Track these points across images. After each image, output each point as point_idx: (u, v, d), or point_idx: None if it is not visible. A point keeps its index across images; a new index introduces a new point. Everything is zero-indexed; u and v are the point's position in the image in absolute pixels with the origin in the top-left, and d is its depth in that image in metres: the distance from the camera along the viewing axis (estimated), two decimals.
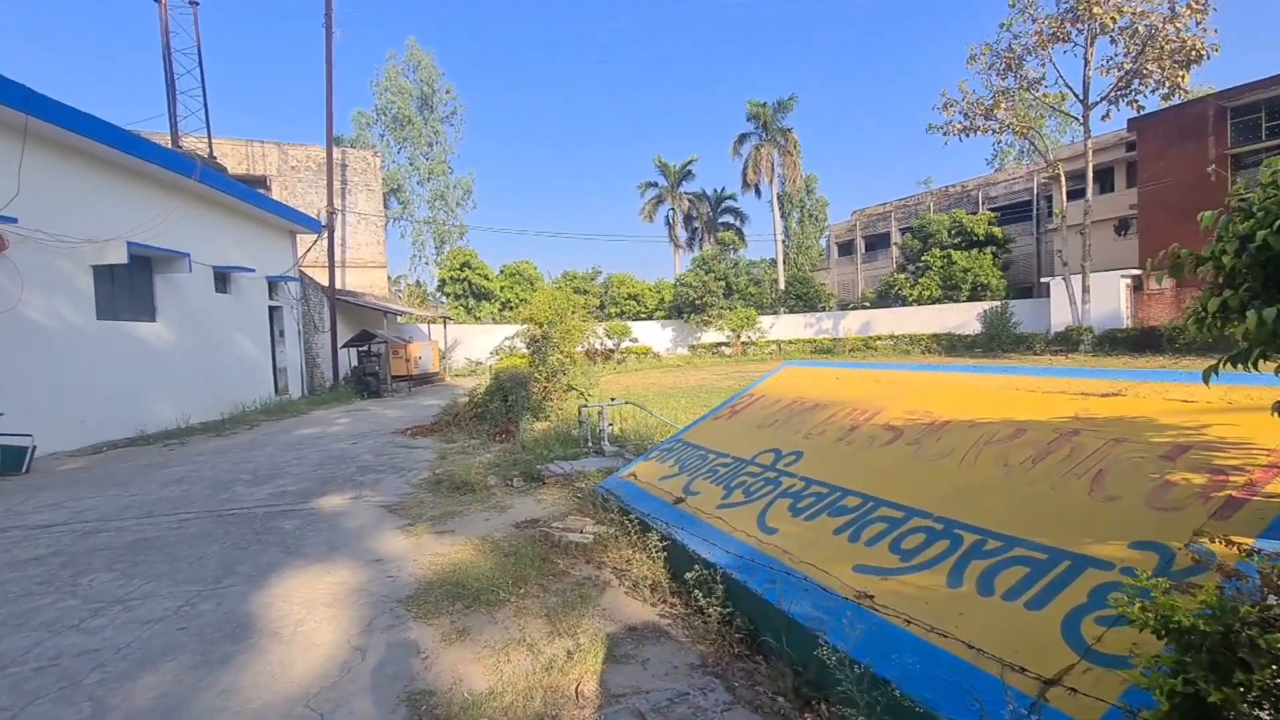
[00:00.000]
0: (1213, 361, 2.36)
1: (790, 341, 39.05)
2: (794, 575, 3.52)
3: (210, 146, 22.97)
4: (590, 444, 9.11)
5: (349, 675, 3.46)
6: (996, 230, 36.37)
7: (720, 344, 40.04)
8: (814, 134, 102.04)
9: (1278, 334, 1.92)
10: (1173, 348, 23.79)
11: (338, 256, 25.23)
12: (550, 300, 14.68)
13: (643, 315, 43.36)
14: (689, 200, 52.39)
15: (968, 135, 27.92)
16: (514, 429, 11.11)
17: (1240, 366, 2.22)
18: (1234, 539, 2.37)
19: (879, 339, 35.53)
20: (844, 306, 43.68)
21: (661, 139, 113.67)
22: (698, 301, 39.94)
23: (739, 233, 51.79)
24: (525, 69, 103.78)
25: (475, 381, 14.84)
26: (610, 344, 36.76)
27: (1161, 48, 22.71)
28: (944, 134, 28.25)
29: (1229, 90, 26.95)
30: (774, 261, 49.93)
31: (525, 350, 14.92)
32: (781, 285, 45.37)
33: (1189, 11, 22.27)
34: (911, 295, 36.93)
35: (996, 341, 29.59)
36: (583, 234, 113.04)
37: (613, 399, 10.45)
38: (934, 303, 35.71)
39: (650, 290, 44.54)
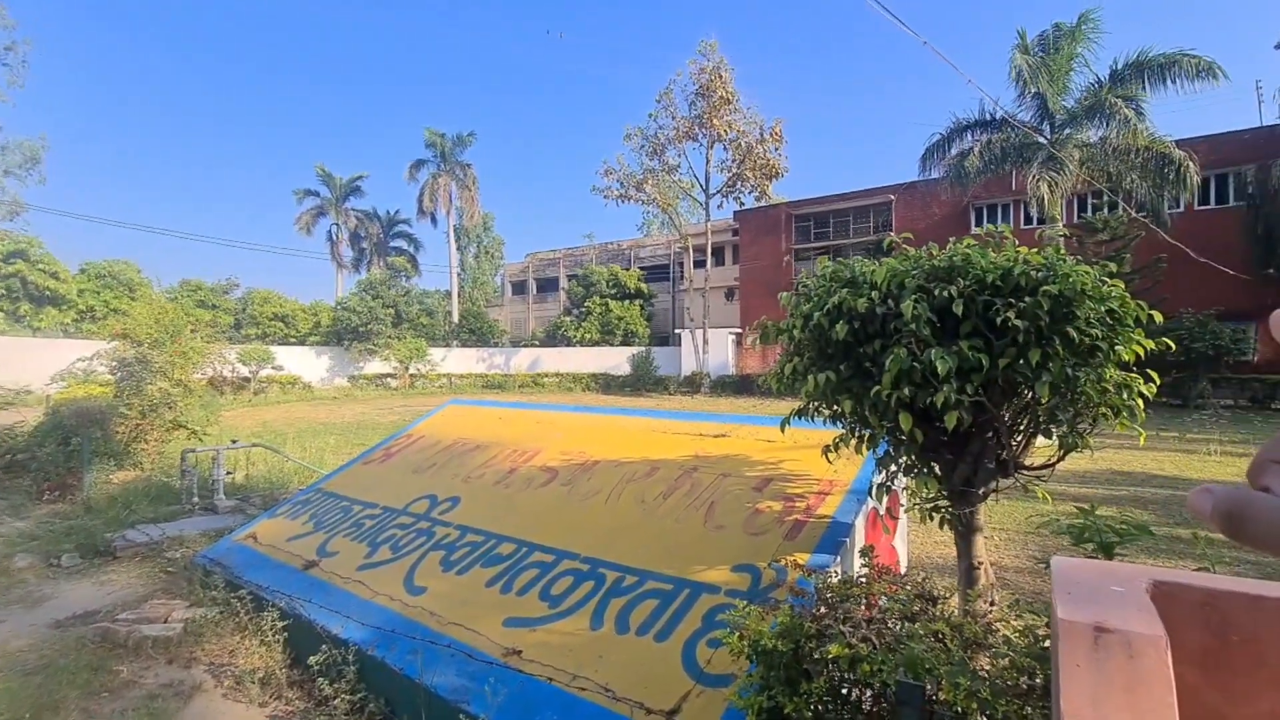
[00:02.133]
0: (786, 403, 2.95)
1: (462, 375, 38.42)
2: (440, 641, 3.21)
3: None
4: (197, 499, 7.26)
5: None
6: (644, 286, 42.24)
7: (386, 375, 37.13)
8: (492, 176, 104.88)
9: (827, 394, 2.46)
10: (762, 391, 30.63)
11: None
12: (159, 313, 11.56)
13: (293, 340, 37.64)
14: (356, 218, 48.06)
15: (623, 202, 32.11)
16: (76, 483, 8.23)
17: (805, 416, 2.80)
18: (797, 557, 2.94)
19: (547, 376, 37.50)
20: (516, 343, 45.04)
21: (323, 149, 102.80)
22: (362, 328, 36.47)
23: (412, 259, 49.41)
24: (148, 23, 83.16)
25: (19, 415, 10.65)
26: (246, 372, 30.84)
27: (755, 161, 29.73)
28: (604, 196, 32.00)
29: (793, 202, 36.64)
30: (448, 293, 48.90)
31: (110, 376, 11.38)
32: (455, 318, 44.60)
33: (772, 139, 29.73)
34: (576, 336, 40.10)
35: (642, 381, 34.01)
36: (213, 238, 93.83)
37: (234, 440, 8.59)
38: (594, 344, 39.40)
39: (304, 312, 39.03)
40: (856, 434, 2.72)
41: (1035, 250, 2.37)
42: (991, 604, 2.65)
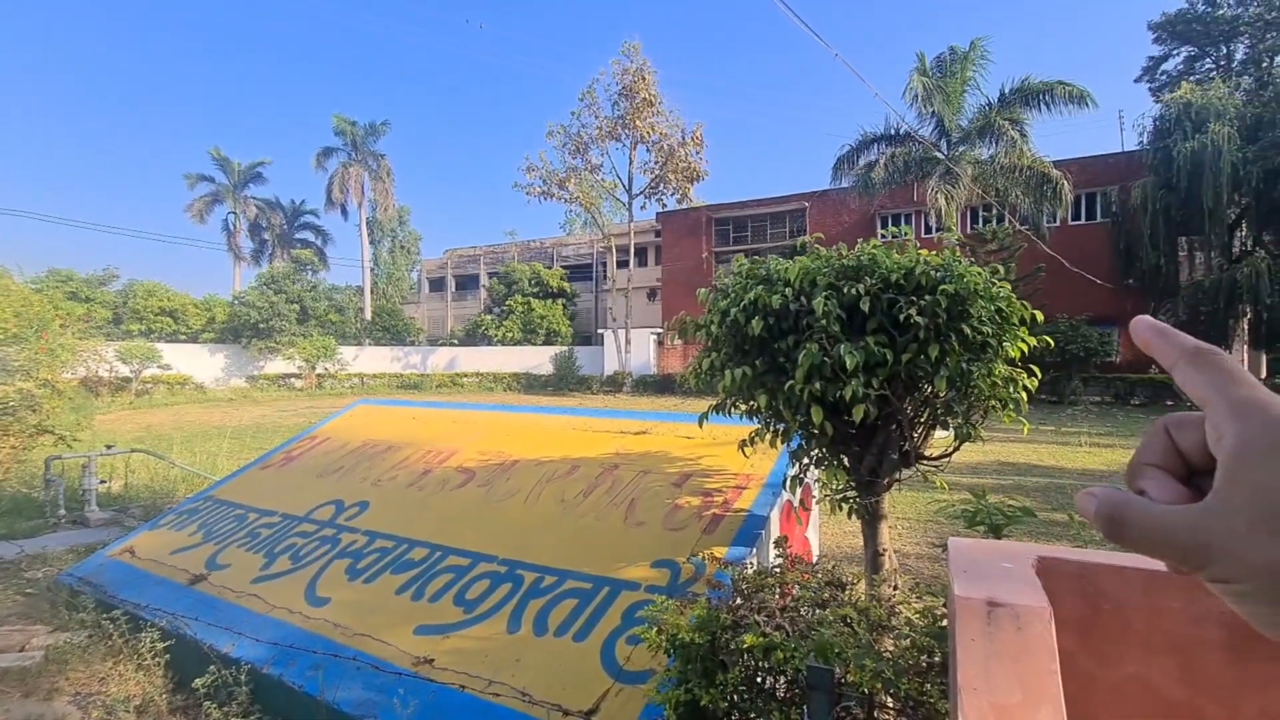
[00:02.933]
0: (705, 401, 2.99)
1: (375, 375, 36.67)
2: (344, 653, 3.03)
3: None
4: (64, 512, 6.52)
5: None
6: (567, 285, 41.91)
7: (290, 375, 34.86)
8: (409, 169, 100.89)
9: (743, 388, 2.50)
10: (682, 390, 31.12)
11: None
12: (20, 305, 10.30)
13: (183, 336, 34.63)
14: (257, 206, 44.93)
15: (545, 199, 31.74)
16: None
17: (722, 411, 2.84)
18: (715, 551, 2.98)
19: (466, 376, 36.46)
20: (434, 342, 43.51)
21: (225, 134, 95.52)
22: (263, 325, 34.06)
23: (320, 252, 46.71)
24: None
25: None
26: (127, 371, 28.11)
27: (677, 164, 30.18)
28: (526, 194, 31.50)
29: (713, 205, 37.48)
30: (360, 289, 46.58)
31: None
32: (368, 315, 42.54)
33: (693, 143, 30.28)
34: (497, 336, 39.22)
35: (565, 381, 33.72)
36: (86, 222, 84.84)
37: (109, 446, 7.80)
38: (516, 344, 38.69)
39: (195, 306, 35.96)
40: (771, 428, 2.79)
41: (934, 253, 2.52)
42: (895, 588, 2.79)
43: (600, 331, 38.93)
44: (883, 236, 2.86)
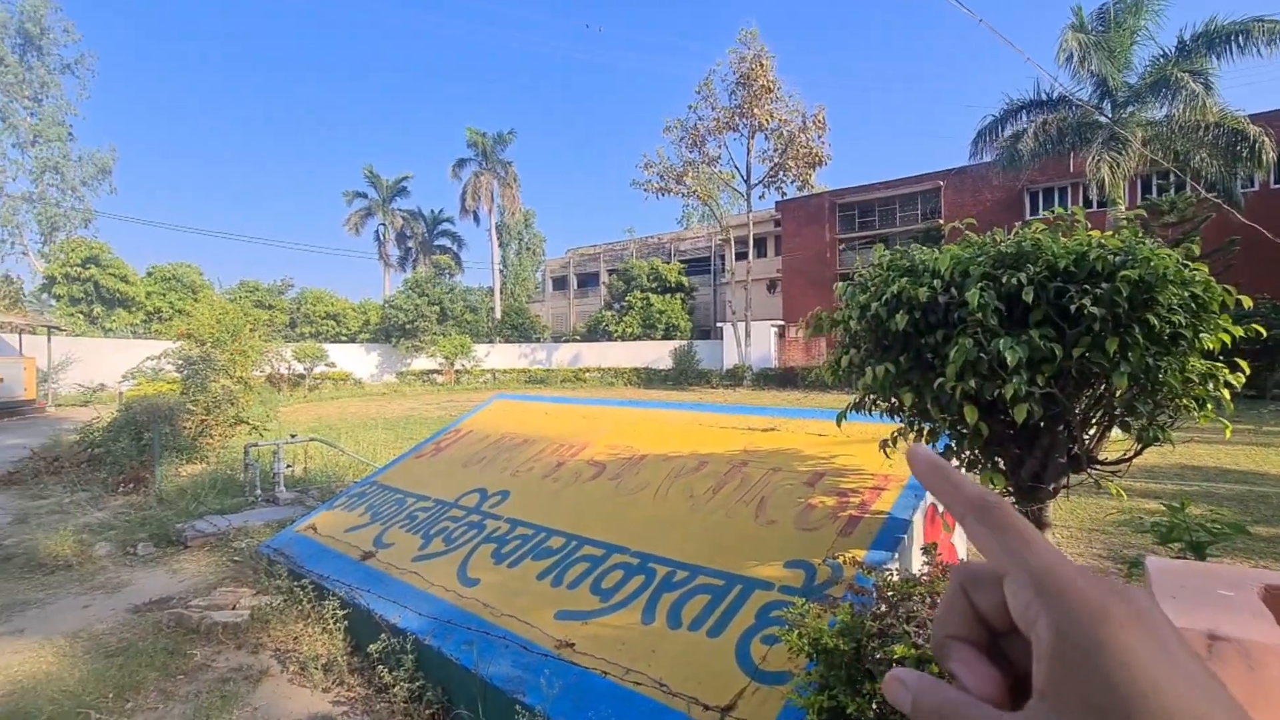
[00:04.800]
0: (832, 396, 2.89)
1: (505, 371, 39.03)
2: (494, 632, 3.26)
3: None
4: (260, 492, 7.57)
5: None
6: (685, 279, 42.02)
7: (432, 371, 38.03)
8: (533, 172, 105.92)
9: (886, 386, 2.38)
10: (805, 384, 30.15)
11: None
12: (220, 313, 12.11)
13: (344, 337, 38.91)
14: (403, 217, 49.29)
15: (663, 195, 31.97)
16: (149, 476, 8.69)
17: (862, 410, 2.73)
18: (854, 553, 2.87)
19: (588, 371, 37.75)
20: (557, 338, 45.48)
21: (371, 150, 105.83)
22: (409, 325, 37.44)
23: (456, 257, 50.43)
24: (202, 34, 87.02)
25: (95, 412, 11.33)
26: (301, 369, 32.05)
27: (797, 150, 29.18)
28: (644, 190, 31.93)
29: (836, 191, 35.83)
30: (491, 290, 49.71)
31: (177, 374, 11.99)
32: (498, 314, 45.33)
33: (814, 127, 29.12)
34: (617, 331, 40.22)
35: (684, 376, 33.87)
36: (268, 239, 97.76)
37: (293, 435, 8.93)
38: (635, 339, 39.45)
39: (354, 310, 40.28)
40: (916, 427, 2.64)
41: (1110, 233, 2.24)
42: None
43: (719, 325, 38.64)
44: (1044, 216, 2.59)
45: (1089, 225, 2.35)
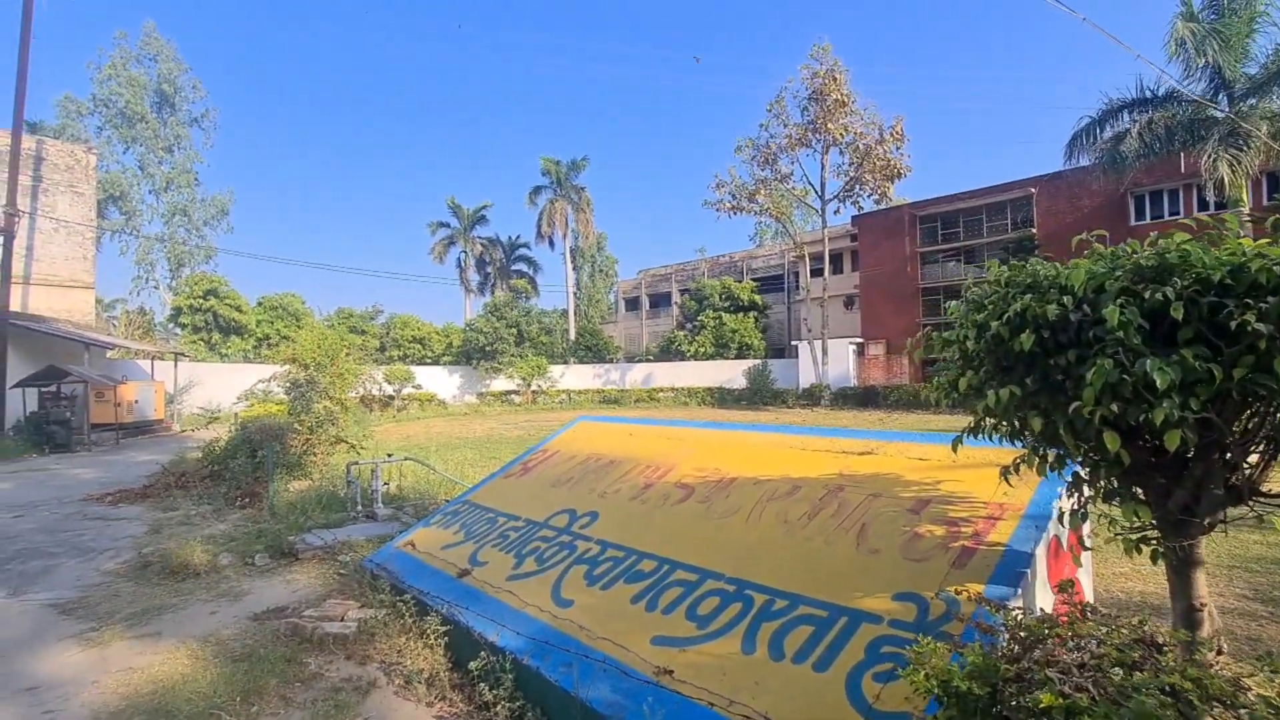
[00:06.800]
0: (916, 416, 2.74)
1: (580, 391, 39.71)
2: (592, 655, 3.27)
3: None
4: (360, 507, 7.99)
5: None
6: (757, 298, 41.55)
7: (510, 392, 39.23)
8: (604, 195, 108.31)
9: (1009, 409, 2.24)
10: (887, 403, 28.96)
11: (18, 270, 19.77)
12: (320, 339, 12.98)
13: (428, 360, 40.86)
14: (482, 245, 51.52)
15: (735, 214, 31.89)
16: (262, 491, 9.36)
17: (980, 434, 2.58)
18: (971, 588, 2.69)
19: (661, 391, 37.83)
20: (630, 359, 45.91)
21: (452, 180, 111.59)
22: (488, 348, 38.89)
23: (532, 281, 52.07)
24: (300, 82, 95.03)
25: (215, 432, 12.38)
26: (391, 390, 33.82)
27: (874, 163, 28.43)
28: (716, 210, 31.97)
29: (917, 203, 34.56)
30: (565, 312, 50.94)
31: (284, 396, 12.92)
32: (572, 335, 46.32)
33: (892, 139, 28.32)
34: (689, 351, 40.17)
35: (759, 395, 33.32)
36: (361, 269, 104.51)
37: (389, 455, 9.39)
38: (708, 359, 39.25)
39: (438, 334, 42.29)
40: (1041, 453, 2.46)
41: (1268, 241, 2.03)
42: (1219, 652, 2.28)
43: (793, 343, 37.86)
44: (1187, 222, 2.38)
45: (1241, 232, 2.14)
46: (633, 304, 56.08)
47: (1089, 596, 3.77)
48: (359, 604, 4.94)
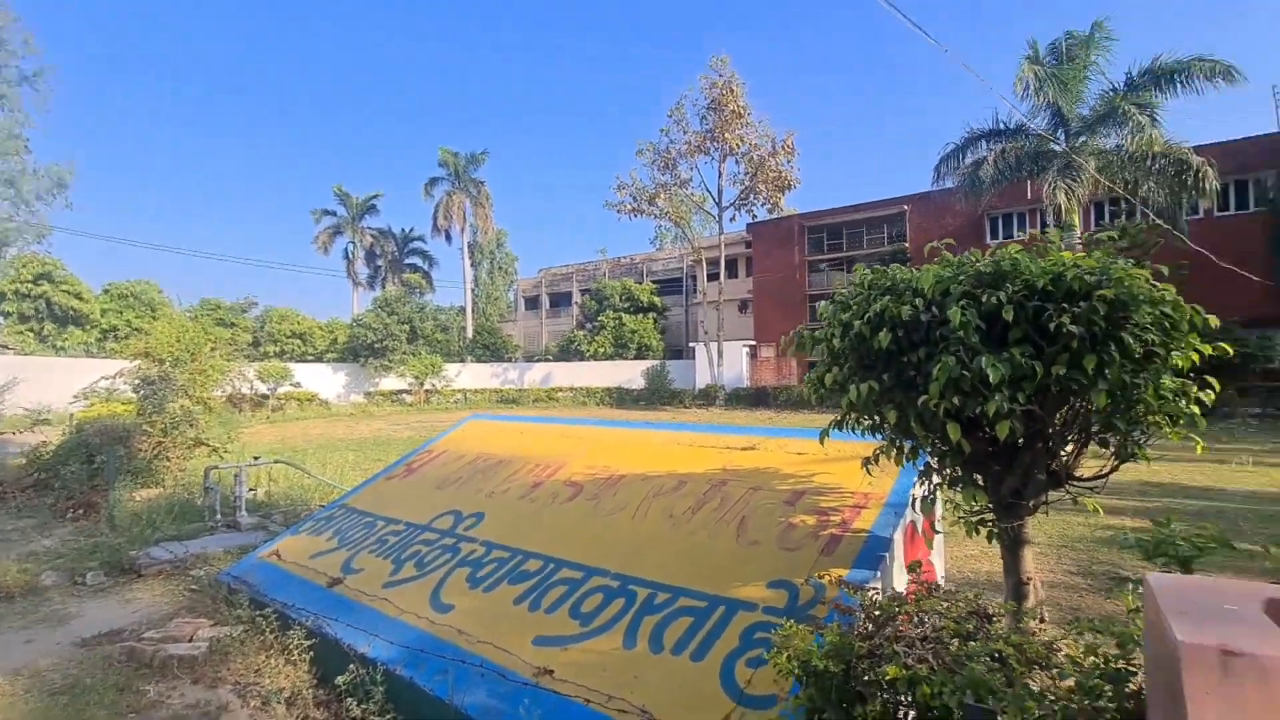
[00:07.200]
0: (804, 415, 2.90)
1: (477, 391, 38.56)
2: (470, 660, 3.15)
3: None
4: (220, 517, 7.27)
5: None
6: (657, 299, 42.25)
7: (402, 391, 37.36)
8: (505, 193, 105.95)
9: (869, 404, 2.39)
10: (777, 403, 30.39)
11: None
12: (180, 331, 11.75)
13: (310, 357, 38.04)
14: (372, 236, 48.70)
15: (636, 216, 32.27)
16: (101, 501, 8.28)
17: (844, 428, 2.73)
18: (836, 572, 2.85)
19: (560, 390, 37.51)
20: (529, 358, 45.15)
21: (341, 172, 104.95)
22: (378, 345, 36.79)
23: (426, 276, 49.90)
24: (157, 47, 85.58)
25: (44, 435, 10.81)
26: (265, 388, 31.17)
27: (768, 174, 29.78)
28: (618, 212, 32.19)
29: (806, 214, 36.56)
30: (462, 309, 49.24)
31: (133, 394, 11.52)
32: (470, 334, 44.87)
33: (783, 152, 29.79)
34: (589, 351, 40.12)
35: (657, 395, 33.88)
36: (232, 256, 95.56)
37: (256, 458, 8.63)
38: (608, 359, 39.39)
39: (321, 329, 39.46)
40: (897, 445, 2.65)
41: (1084, 254, 2.31)
42: (1041, 621, 2.56)
43: (691, 345, 38.86)
44: (1021, 239, 2.65)
45: (1062, 246, 2.42)
46: (533, 303, 55.21)
47: (940, 576, 4.13)
48: (211, 622, 4.47)
